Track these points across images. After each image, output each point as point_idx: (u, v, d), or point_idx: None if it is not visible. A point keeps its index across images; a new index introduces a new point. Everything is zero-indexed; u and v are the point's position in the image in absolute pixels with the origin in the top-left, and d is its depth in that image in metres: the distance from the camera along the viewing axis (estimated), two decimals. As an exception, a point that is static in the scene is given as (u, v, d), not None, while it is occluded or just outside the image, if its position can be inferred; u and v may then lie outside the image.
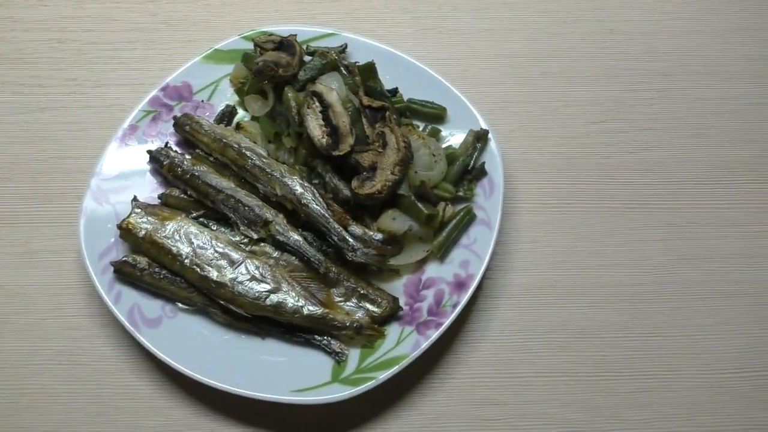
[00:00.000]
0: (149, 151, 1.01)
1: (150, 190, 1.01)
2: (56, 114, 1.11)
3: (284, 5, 1.18)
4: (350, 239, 0.92)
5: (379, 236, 0.93)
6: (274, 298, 0.91)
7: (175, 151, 1.01)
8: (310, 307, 0.91)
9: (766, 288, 1.01)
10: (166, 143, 1.02)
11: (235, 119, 1.06)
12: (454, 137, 1.03)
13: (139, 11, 1.18)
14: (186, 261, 0.92)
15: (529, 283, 1.01)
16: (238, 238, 0.96)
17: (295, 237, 0.94)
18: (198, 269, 0.92)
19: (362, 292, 0.93)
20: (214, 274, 0.92)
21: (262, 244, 0.96)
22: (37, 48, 1.15)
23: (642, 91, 1.14)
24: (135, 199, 0.97)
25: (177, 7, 1.18)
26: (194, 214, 0.98)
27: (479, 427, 0.94)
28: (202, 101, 1.06)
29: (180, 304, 0.94)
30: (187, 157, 1.00)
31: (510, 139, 1.09)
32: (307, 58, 1.04)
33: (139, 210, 0.95)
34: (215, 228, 0.97)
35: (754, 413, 0.95)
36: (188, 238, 0.94)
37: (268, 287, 0.91)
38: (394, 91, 1.05)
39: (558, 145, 1.10)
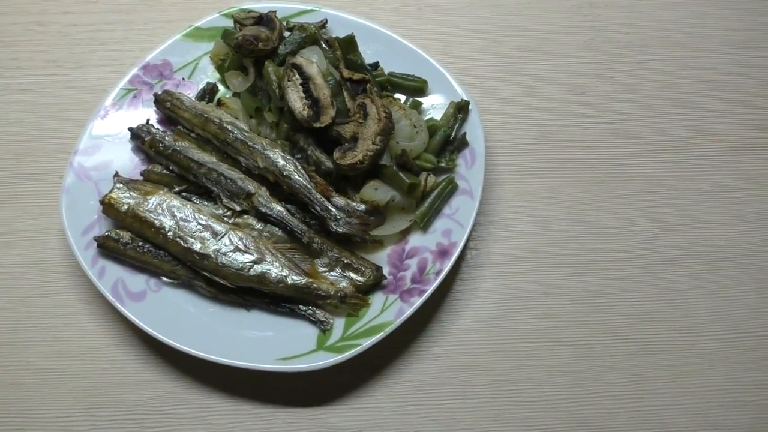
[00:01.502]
0: (130, 128, 1.00)
1: (132, 167, 1.00)
2: (37, 95, 1.10)
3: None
4: (333, 209, 0.92)
5: (362, 207, 0.93)
6: (258, 268, 0.91)
7: (156, 128, 1.01)
8: (294, 277, 0.91)
9: (745, 252, 1.03)
10: (147, 120, 1.02)
11: (217, 96, 1.06)
12: (435, 110, 1.04)
13: (118, -8, 1.18)
14: (169, 234, 0.92)
15: (511, 252, 1.02)
16: (221, 211, 0.96)
17: (278, 208, 0.94)
18: (181, 242, 0.92)
19: (346, 261, 0.94)
20: (197, 246, 0.92)
21: (245, 216, 0.96)
22: (17, 31, 1.15)
23: (621, 63, 1.15)
24: (117, 174, 0.97)
25: (156, -13, 1.18)
26: (177, 189, 0.98)
27: (465, 393, 0.94)
28: (183, 79, 1.06)
29: (164, 278, 0.94)
30: (169, 133, 1.00)
31: (490, 112, 1.10)
32: (286, 34, 1.04)
33: (121, 185, 0.95)
34: (198, 202, 0.97)
35: (733, 374, 0.96)
36: (171, 211, 0.94)
37: (251, 258, 0.92)
38: (375, 65, 1.05)
39: (539, 117, 1.10)
